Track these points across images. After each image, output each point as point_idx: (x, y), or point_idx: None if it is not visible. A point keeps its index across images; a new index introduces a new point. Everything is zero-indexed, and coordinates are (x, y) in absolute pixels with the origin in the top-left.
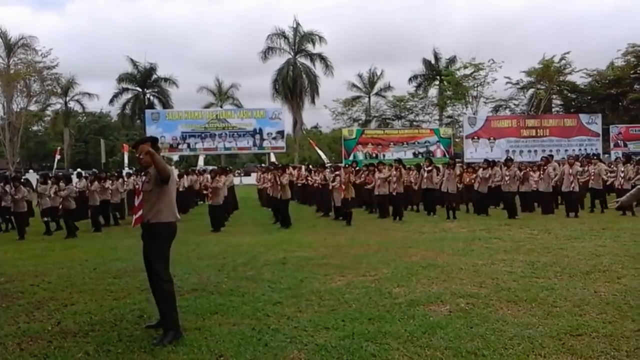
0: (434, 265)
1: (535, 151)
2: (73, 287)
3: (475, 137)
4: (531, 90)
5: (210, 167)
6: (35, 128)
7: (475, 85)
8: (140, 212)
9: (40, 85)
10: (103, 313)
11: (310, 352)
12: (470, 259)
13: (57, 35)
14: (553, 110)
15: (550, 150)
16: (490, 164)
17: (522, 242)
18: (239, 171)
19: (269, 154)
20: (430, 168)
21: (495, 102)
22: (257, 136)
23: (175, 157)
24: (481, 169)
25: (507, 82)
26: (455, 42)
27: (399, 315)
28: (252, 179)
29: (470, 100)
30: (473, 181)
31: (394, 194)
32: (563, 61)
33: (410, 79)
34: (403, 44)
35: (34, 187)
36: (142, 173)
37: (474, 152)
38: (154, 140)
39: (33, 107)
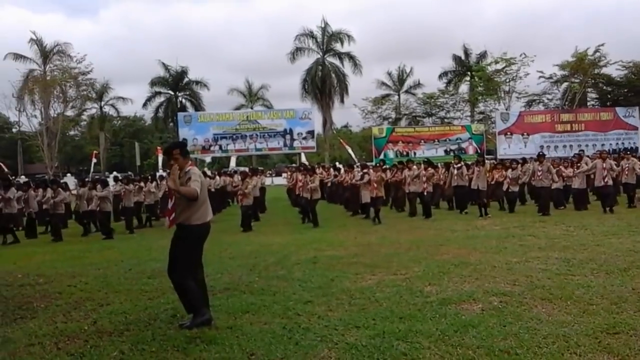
0: (466, 263)
1: (571, 146)
2: (109, 288)
3: (508, 133)
4: (565, 84)
5: (242, 168)
6: (72, 133)
7: (507, 80)
8: (174, 214)
9: (76, 91)
10: (138, 312)
11: (340, 350)
12: (504, 256)
13: (91, 41)
14: (588, 104)
15: (587, 145)
16: (515, 162)
17: (557, 239)
18: (270, 172)
19: (299, 154)
20: (459, 165)
21: (528, 97)
22: (288, 136)
23: (208, 159)
24: (510, 170)
25: (540, 76)
26: (485, 37)
27: (430, 314)
28: (283, 180)
29: (503, 95)
30: (503, 179)
31: (425, 192)
32: (597, 53)
33: (440, 76)
34: (432, 40)
35: (73, 190)
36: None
37: (507, 148)
38: (182, 146)
39: (69, 112)
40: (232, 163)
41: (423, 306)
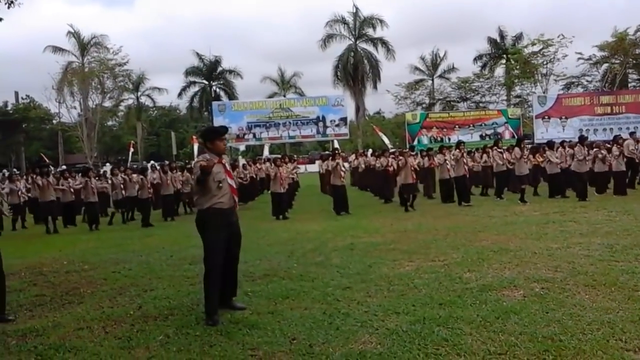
0: (506, 249)
1: (611, 129)
2: (152, 274)
3: (546, 117)
4: (605, 66)
5: (274, 156)
6: (109, 123)
7: (545, 63)
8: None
9: (113, 82)
10: (181, 298)
11: (381, 336)
12: (544, 242)
13: (127, 32)
14: (629, 85)
15: (627, 128)
16: (554, 145)
17: (599, 224)
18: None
19: (332, 141)
20: (498, 150)
21: (566, 80)
22: (320, 124)
23: (242, 147)
24: (549, 150)
25: (578, 58)
26: (521, 19)
27: (470, 300)
28: (316, 167)
29: (540, 78)
30: (542, 163)
31: (460, 176)
32: (639, 33)
33: (475, 59)
34: (466, 23)
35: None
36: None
37: (545, 132)
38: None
39: (107, 103)
40: (266, 151)
41: (463, 292)
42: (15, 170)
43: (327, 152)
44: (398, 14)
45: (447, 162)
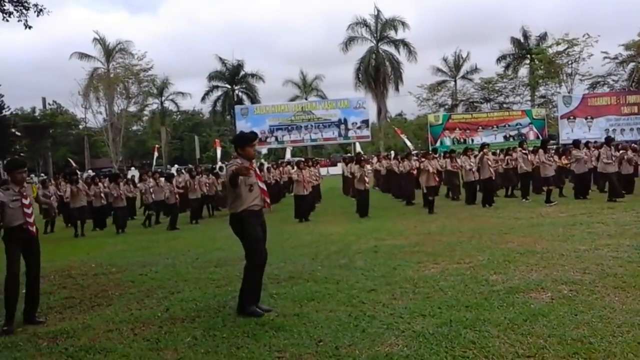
0: (533, 251)
1: (638, 129)
2: (178, 276)
3: (571, 117)
4: (631, 64)
5: (296, 159)
6: (134, 128)
7: (570, 62)
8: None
9: (138, 87)
10: (207, 300)
11: (407, 338)
12: (572, 244)
13: (151, 38)
14: None
15: None
16: (580, 144)
17: (627, 225)
18: (326, 160)
19: (354, 143)
20: (522, 151)
21: (592, 79)
22: (342, 126)
23: (264, 150)
24: (574, 150)
25: (604, 57)
26: (545, 18)
27: (497, 303)
28: (338, 169)
29: (565, 78)
30: (568, 165)
31: (486, 179)
32: None
33: (498, 60)
34: (489, 24)
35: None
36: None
37: (570, 132)
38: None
39: (132, 108)
40: (288, 154)
41: (489, 295)
42: (42, 174)
43: (348, 155)
44: (420, 15)
45: (473, 164)
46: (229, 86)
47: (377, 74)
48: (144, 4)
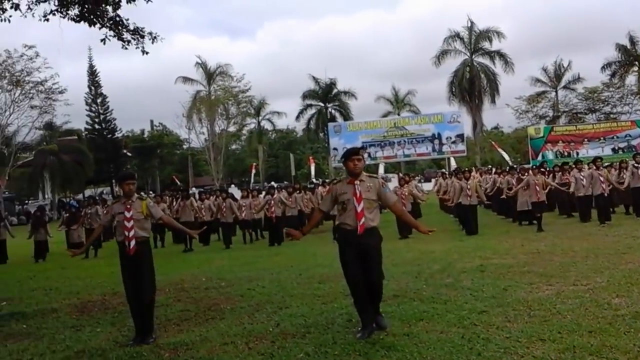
0: None
1: None
2: (284, 292)
3: None
4: None
5: (391, 175)
6: (233, 147)
7: None
8: (363, 219)
9: (237, 108)
10: (315, 316)
11: None
12: None
13: (249, 60)
14: None
15: None
16: None
17: None
18: (419, 177)
19: (448, 158)
20: (634, 165)
21: None
22: (436, 141)
23: None
24: None
25: None
26: None
27: (623, 328)
28: (431, 185)
29: None
30: None
31: (598, 195)
32: None
33: (602, 68)
34: (591, 31)
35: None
36: (358, 181)
37: None
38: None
39: (232, 128)
40: (381, 170)
41: (614, 320)
42: (151, 192)
43: (442, 170)
44: (516, 24)
45: (583, 178)
46: (322, 104)
47: (471, 86)
48: (242, 29)
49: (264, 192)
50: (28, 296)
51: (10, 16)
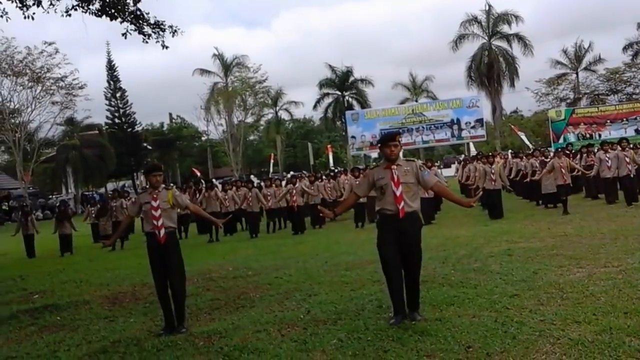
0: None
1: None
2: (311, 279)
3: None
4: None
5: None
6: (251, 137)
7: None
8: (402, 203)
9: (254, 99)
10: (345, 303)
11: (565, 346)
12: None
13: (265, 50)
14: None
15: None
16: None
17: None
18: (437, 163)
19: (467, 144)
20: None
21: None
22: (455, 127)
23: (375, 155)
24: None
25: None
26: None
27: None
28: (451, 171)
29: None
30: None
31: (624, 176)
32: None
33: (624, 48)
34: (611, 10)
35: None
36: (395, 165)
37: None
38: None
39: (249, 119)
40: (400, 157)
41: None
42: (172, 184)
43: (464, 156)
44: (534, 6)
45: (609, 160)
46: (339, 92)
47: (490, 70)
48: (259, 20)
49: (284, 182)
50: (59, 288)
51: (34, 13)
